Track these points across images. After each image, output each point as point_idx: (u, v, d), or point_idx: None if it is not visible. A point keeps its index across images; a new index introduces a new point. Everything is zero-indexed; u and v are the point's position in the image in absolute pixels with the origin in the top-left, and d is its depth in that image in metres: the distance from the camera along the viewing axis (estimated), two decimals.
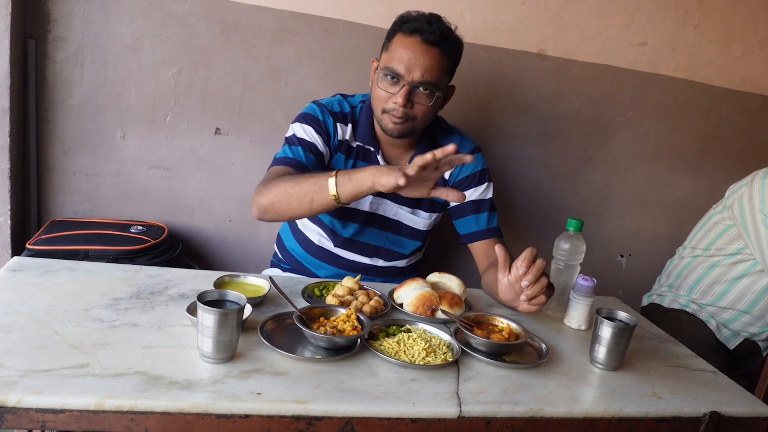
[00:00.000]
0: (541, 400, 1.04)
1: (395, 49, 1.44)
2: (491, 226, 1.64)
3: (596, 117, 2.32)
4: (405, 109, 1.44)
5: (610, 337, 1.17)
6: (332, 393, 0.96)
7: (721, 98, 2.39)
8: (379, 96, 1.47)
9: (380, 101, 1.48)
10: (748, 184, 1.83)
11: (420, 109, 1.47)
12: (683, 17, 2.27)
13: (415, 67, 1.41)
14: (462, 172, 1.64)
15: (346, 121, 1.57)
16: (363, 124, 1.57)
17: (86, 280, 1.26)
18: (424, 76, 1.42)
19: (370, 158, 1.59)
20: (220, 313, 0.97)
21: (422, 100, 1.46)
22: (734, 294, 1.86)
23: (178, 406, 0.88)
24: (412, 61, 1.41)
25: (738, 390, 1.21)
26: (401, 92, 1.43)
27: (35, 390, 0.85)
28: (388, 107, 1.46)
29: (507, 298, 1.31)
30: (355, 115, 1.59)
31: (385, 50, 1.49)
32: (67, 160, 1.95)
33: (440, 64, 1.44)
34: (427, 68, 1.42)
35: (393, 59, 1.43)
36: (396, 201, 1.63)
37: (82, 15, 1.85)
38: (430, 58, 1.42)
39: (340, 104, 1.59)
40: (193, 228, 2.10)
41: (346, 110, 1.58)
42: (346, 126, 1.57)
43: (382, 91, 1.46)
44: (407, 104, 1.44)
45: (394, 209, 1.64)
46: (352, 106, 1.60)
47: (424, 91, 1.45)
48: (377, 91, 1.48)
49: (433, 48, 1.42)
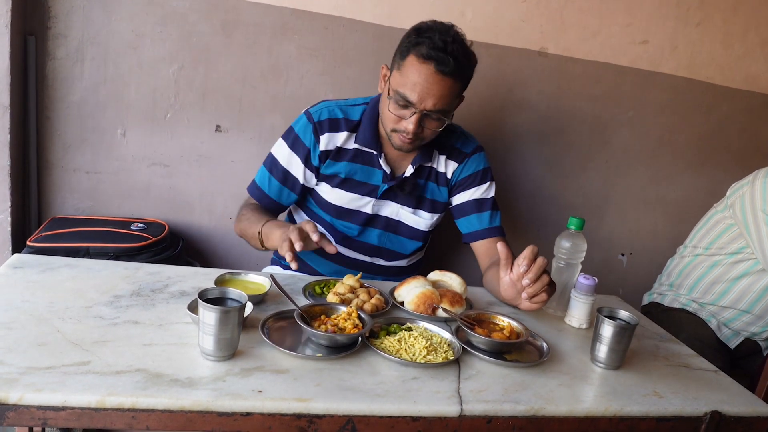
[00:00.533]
0: (543, 399, 1.04)
1: (408, 73, 1.40)
2: (493, 225, 1.64)
3: (597, 115, 2.32)
4: (415, 131, 1.44)
5: (612, 336, 1.17)
6: (333, 391, 0.96)
7: (723, 97, 2.39)
8: (389, 117, 1.46)
9: (390, 122, 1.47)
10: (749, 183, 1.82)
11: (429, 132, 1.47)
12: (685, 15, 2.26)
13: (428, 97, 1.39)
14: (464, 171, 1.64)
15: (337, 128, 1.56)
16: (365, 127, 1.56)
17: (87, 277, 1.25)
18: (436, 105, 1.41)
19: (372, 161, 1.58)
20: (222, 310, 0.97)
21: (432, 125, 1.46)
22: (735, 293, 1.86)
23: (180, 404, 0.87)
24: (426, 90, 1.39)
25: (739, 389, 1.21)
26: (412, 119, 1.42)
27: (36, 387, 0.85)
28: (398, 128, 1.46)
29: (508, 296, 1.31)
30: (350, 118, 1.57)
31: (396, 68, 1.44)
32: (68, 157, 1.94)
33: (452, 91, 1.43)
34: (439, 98, 1.40)
35: (406, 84, 1.40)
36: (397, 201, 1.63)
37: (82, 12, 1.84)
38: (444, 88, 1.40)
39: (330, 111, 1.56)
40: (194, 225, 2.09)
41: (337, 116, 1.56)
42: (337, 133, 1.56)
43: (392, 114, 1.45)
44: (418, 130, 1.44)
45: (396, 209, 1.64)
46: (346, 111, 1.58)
47: (434, 118, 1.44)
48: (387, 113, 1.46)
49: (447, 78, 1.39)
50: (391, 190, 1.61)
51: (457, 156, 1.64)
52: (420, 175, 1.63)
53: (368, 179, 1.59)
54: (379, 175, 1.59)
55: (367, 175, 1.59)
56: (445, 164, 1.64)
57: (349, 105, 1.59)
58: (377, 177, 1.59)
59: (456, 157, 1.64)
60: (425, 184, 1.64)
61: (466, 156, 1.65)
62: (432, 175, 1.64)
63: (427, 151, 1.60)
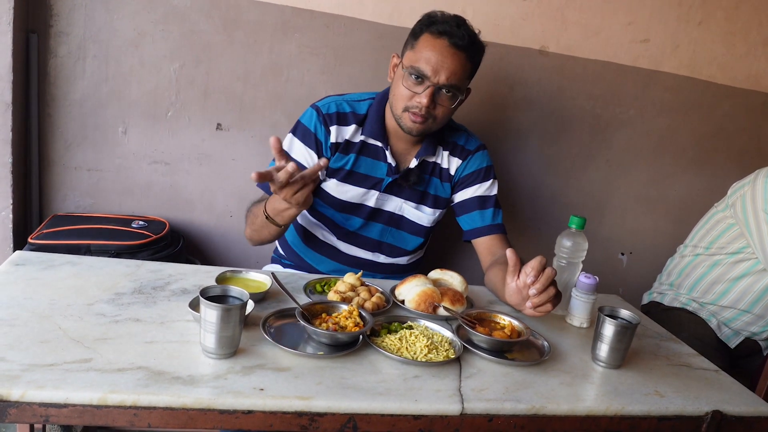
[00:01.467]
0: (544, 398, 1.04)
1: (422, 49, 1.44)
2: (495, 222, 1.64)
3: (598, 114, 2.32)
4: (428, 108, 1.45)
5: (613, 335, 1.17)
6: (335, 389, 0.96)
7: (724, 96, 2.39)
8: (402, 94, 1.47)
9: (403, 99, 1.48)
10: (750, 183, 1.82)
11: (441, 110, 1.48)
12: (686, 14, 2.26)
13: (441, 69, 1.42)
14: (467, 168, 1.65)
15: (346, 121, 1.57)
16: (372, 120, 1.57)
17: (88, 274, 1.26)
18: (449, 79, 1.43)
19: (377, 154, 1.59)
20: (223, 308, 0.97)
21: (445, 102, 1.47)
22: (735, 293, 1.86)
23: (181, 402, 0.88)
24: (440, 63, 1.42)
25: (740, 389, 1.21)
26: (426, 92, 1.43)
27: (38, 384, 0.85)
28: (410, 105, 1.47)
29: (513, 302, 1.30)
30: (357, 112, 1.58)
31: (410, 48, 1.48)
32: (69, 154, 1.94)
33: (465, 68, 1.46)
34: (453, 71, 1.43)
35: (420, 59, 1.43)
36: (401, 196, 1.64)
37: (84, 10, 1.84)
38: (457, 62, 1.43)
39: (338, 105, 1.58)
40: (194, 223, 2.10)
41: (345, 110, 1.57)
42: (345, 126, 1.57)
43: (405, 89, 1.46)
44: (431, 105, 1.45)
45: (399, 204, 1.65)
46: (353, 105, 1.59)
47: (447, 93, 1.46)
48: (401, 89, 1.47)
49: (460, 52, 1.43)
50: (395, 184, 1.61)
51: (461, 153, 1.65)
52: (424, 170, 1.63)
53: (373, 172, 1.60)
54: (383, 168, 1.59)
55: (372, 168, 1.60)
56: (448, 160, 1.65)
57: (354, 100, 1.61)
58: (382, 170, 1.60)
59: (459, 154, 1.65)
60: (429, 179, 1.65)
61: (470, 153, 1.65)
62: (436, 170, 1.65)
63: (431, 146, 1.60)
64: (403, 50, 1.53)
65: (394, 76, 1.54)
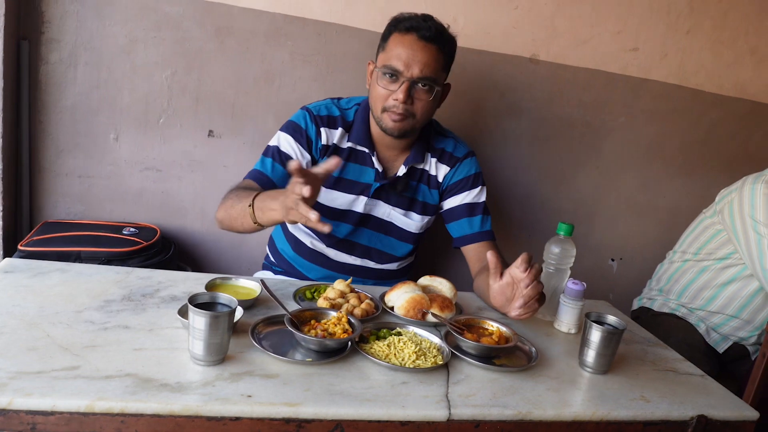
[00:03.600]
0: (530, 404, 1.05)
1: (393, 47, 1.46)
2: (484, 229, 1.65)
3: (588, 121, 2.34)
4: (405, 105, 1.46)
5: (599, 341, 1.18)
6: (322, 396, 0.96)
7: (712, 103, 2.42)
8: (378, 94, 1.49)
9: (380, 99, 1.49)
10: (738, 189, 1.84)
11: (420, 105, 1.49)
12: (675, 23, 2.29)
13: (413, 63, 1.44)
14: (455, 175, 1.66)
15: (334, 124, 1.58)
16: (358, 126, 1.58)
17: (78, 281, 1.26)
18: (423, 72, 1.44)
19: (365, 160, 1.60)
20: (211, 315, 0.97)
21: (422, 95, 1.48)
22: (723, 298, 1.88)
23: (169, 409, 0.88)
24: (411, 57, 1.44)
25: (725, 394, 1.22)
26: (401, 88, 1.45)
27: (26, 392, 0.85)
28: (388, 105, 1.48)
29: (497, 303, 1.32)
30: (346, 118, 1.59)
31: (381, 50, 1.51)
32: (60, 161, 1.94)
33: (437, 59, 1.47)
34: (425, 63, 1.44)
35: (391, 57, 1.46)
36: (389, 202, 1.64)
37: (75, 17, 1.85)
38: (428, 54, 1.45)
39: (328, 108, 1.59)
40: (186, 230, 2.10)
41: (334, 114, 1.59)
42: (334, 130, 1.58)
43: (381, 89, 1.48)
44: (407, 100, 1.46)
45: (388, 210, 1.65)
46: (343, 110, 1.60)
47: (423, 87, 1.47)
48: (377, 89, 1.49)
49: (429, 44, 1.45)
50: (382, 190, 1.62)
51: (449, 160, 1.66)
52: (412, 176, 1.64)
53: (360, 178, 1.61)
54: (371, 173, 1.60)
55: (360, 174, 1.60)
56: (436, 167, 1.65)
57: (344, 106, 1.62)
58: (369, 175, 1.60)
59: (447, 161, 1.66)
60: (417, 185, 1.65)
61: (458, 160, 1.66)
62: (424, 177, 1.65)
63: (419, 153, 1.61)
64: (376, 54, 1.55)
65: (371, 81, 1.55)
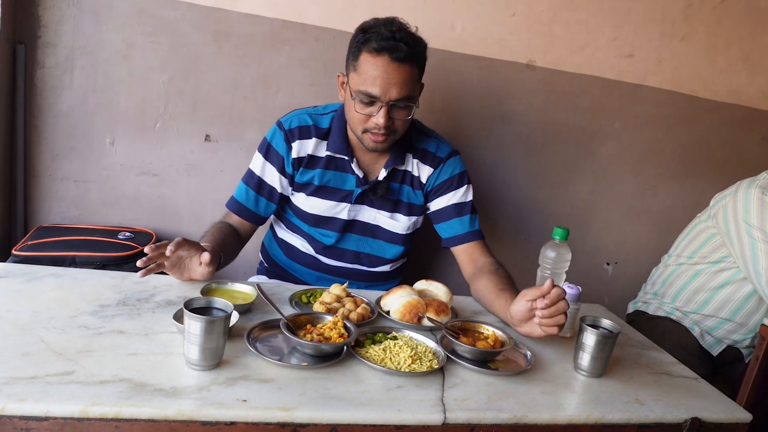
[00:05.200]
0: (525, 407, 1.05)
1: (366, 70, 1.41)
2: (473, 228, 1.64)
3: (584, 127, 2.35)
4: (387, 127, 1.44)
5: (594, 344, 1.18)
6: (318, 400, 0.96)
7: (706, 109, 2.43)
8: (357, 118, 1.46)
9: (359, 123, 1.47)
10: (732, 194, 1.85)
11: (399, 123, 1.47)
12: (670, 30, 2.30)
13: (390, 87, 1.40)
14: (440, 176, 1.64)
15: (308, 134, 1.57)
16: (335, 133, 1.57)
17: (72, 286, 1.25)
18: (400, 94, 1.41)
19: (344, 167, 1.59)
20: (207, 320, 0.97)
21: (400, 114, 1.46)
22: (717, 302, 1.89)
23: (164, 414, 0.88)
24: (386, 81, 1.39)
25: (719, 396, 1.23)
26: (381, 113, 1.42)
27: (19, 397, 0.84)
28: (368, 127, 1.46)
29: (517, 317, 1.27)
30: (319, 125, 1.58)
31: (352, 70, 1.44)
32: (55, 165, 1.94)
33: (412, 76, 1.44)
34: (401, 85, 1.41)
35: (366, 82, 1.41)
36: (373, 206, 1.64)
37: (72, 21, 1.85)
38: (403, 75, 1.40)
39: (300, 119, 1.57)
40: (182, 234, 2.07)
41: (306, 123, 1.57)
42: (307, 140, 1.56)
43: (359, 114, 1.45)
44: (389, 122, 1.44)
45: (373, 214, 1.65)
46: (317, 118, 1.59)
47: (401, 107, 1.45)
48: (354, 115, 1.46)
49: (403, 64, 1.40)
50: (365, 194, 1.61)
51: (432, 161, 1.64)
52: (394, 178, 1.63)
53: (342, 185, 1.60)
54: (352, 180, 1.60)
55: (341, 181, 1.60)
56: (418, 168, 1.64)
57: (318, 113, 1.60)
58: (350, 182, 1.60)
59: (430, 162, 1.64)
60: (400, 187, 1.64)
61: (441, 161, 1.64)
62: (406, 178, 1.64)
63: (400, 154, 1.60)
64: (346, 68, 1.50)
65: (344, 95, 1.51)
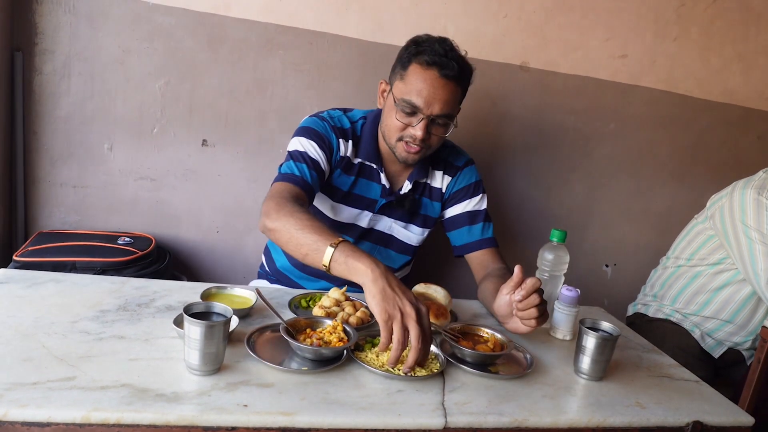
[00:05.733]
0: (526, 411, 1.05)
1: (413, 81, 1.42)
2: (486, 236, 1.64)
3: (579, 128, 2.35)
4: (423, 140, 1.45)
5: (594, 347, 1.18)
6: (318, 405, 0.97)
7: (702, 110, 2.44)
8: (395, 126, 1.47)
9: (396, 130, 1.47)
10: (728, 195, 1.86)
11: (435, 139, 1.49)
12: (663, 30, 2.31)
13: (434, 101, 1.41)
14: (457, 184, 1.66)
15: (347, 136, 1.57)
16: (366, 141, 1.57)
17: (73, 292, 1.25)
18: (442, 110, 1.43)
19: (372, 175, 1.60)
20: (207, 325, 0.97)
21: (439, 131, 1.48)
22: (717, 303, 1.89)
23: (165, 419, 0.88)
24: (432, 95, 1.41)
25: (721, 400, 1.23)
26: (420, 125, 1.43)
27: (21, 403, 0.84)
28: (404, 135, 1.47)
29: (501, 312, 1.31)
30: (355, 131, 1.58)
31: (399, 78, 1.46)
32: (55, 171, 1.94)
33: (456, 96, 1.46)
34: (445, 101, 1.43)
35: (411, 91, 1.42)
36: (391, 216, 1.65)
37: (69, 28, 1.85)
38: (449, 92, 1.43)
39: (340, 120, 1.58)
40: (181, 239, 2.10)
41: (346, 126, 1.57)
42: (347, 142, 1.57)
43: (398, 122, 1.46)
44: (426, 136, 1.45)
45: (389, 224, 1.66)
46: (351, 122, 1.59)
47: (440, 124, 1.46)
48: (393, 122, 1.47)
49: (451, 82, 1.42)
50: (388, 205, 1.62)
51: (450, 170, 1.66)
52: (415, 190, 1.64)
53: (368, 193, 1.61)
54: (377, 189, 1.60)
55: (367, 189, 1.60)
56: (441, 179, 1.66)
57: (353, 119, 1.60)
58: (376, 191, 1.60)
59: (449, 171, 1.66)
60: (419, 199, 1.66)
61: (459, 169, 1.66)
62: (426, 190, 1.66)
63: (423, 167, 1.61)
64: (391, 77, 1.51)
65: (384, 103, 1.53)
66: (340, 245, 1.17)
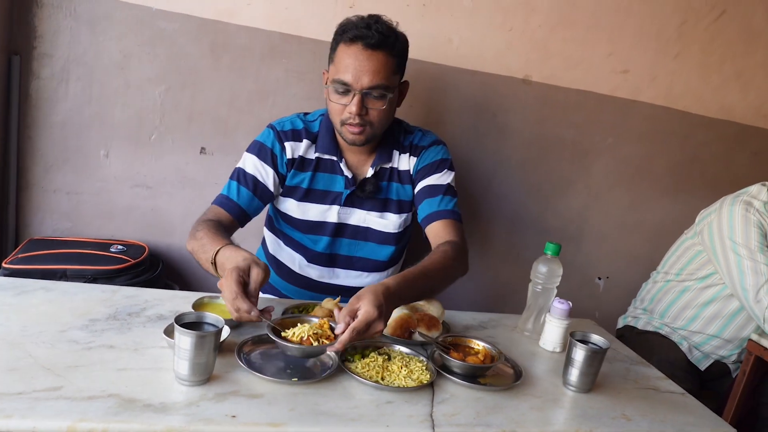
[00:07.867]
0: (514, 422, 1.05)
1: (340, 60, 1.45)
2: (443, 207, 1.58)
3: (578, 142, 2.36)
4: (361, 116, 1.46)
5: (583, 359, 1.19)
6: (307, 415, 0.96)
7: (699, 126, 2.45)
8: (334, 109, 1.49)
9: (336, 114, 1.49)
10: (716, 211, 1.87)
11: (375, 113, 1.48)
12: (664, 47, 2.33)
13: (362, 74, 1.42)
14: (421, 162, 1.63)
15: (299, 137, 1.58)
16: (323, 135, 1.58)
17: (62, 300, 1.25)
18: (372, 81, 1.43)
19: (333, 168, 1.60)
20: (197, 335, 0.97)
21: (375, 104, 1.47)
22: (704, 318, 1.90)
23: (152, 430, 0.87)
24: (358, 68, 1.42)
25: (705, 412, 1.24)
26: (354, 101, 1.44)
27: (6, 413, 0.84)
28: (344, 118, 1.47)
29: None
30: (310, 129, 1.59)
31: (331, 62, 1.50)
32: (48, 177, 1.94)
33: (386, 65, 1.45)
34: (374, 73, 1.43)
35: (339, 70, 1.44)
36: (363, 208, 1.63)
37: (69, 32, 1.85)
38: (376, 62, 1.43)
39: (292, 122, 1.59)
40: (174, 248, 2.09)
41: (298, 127, 1.58)
42: (298, 143, 1.57)
43: (335, 104, 1.47)
44: (362, 111, 1.45)
45: (363, 216, 1.64)
46: (307, 122, 1.60)
47: (375, 96, 1.46)
48: (331, 105, 1.49)
49: (376, 51, 1.42)
50: (354, 196, 1.61)
51: (415, 150, 1.64)
52: (381, 177, 1.63)
53: (331, 187, 1.60)
54: (341, 181, 1.60)
55: (330, 183, 1.60)
56: (407, 161, 1.64)
57: (309, 119, 1.62)
58: (339, 184, 1.60)
59: (414, 152, 1.64)
60: (388, 185, 1.64)
61: (424, 149, 1.64)
62: (394, 175, 1.64)
63: (386, 152, 1.60)
64: (328, 66, 1.53)
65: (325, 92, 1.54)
66: (219, 253, 1.25)
